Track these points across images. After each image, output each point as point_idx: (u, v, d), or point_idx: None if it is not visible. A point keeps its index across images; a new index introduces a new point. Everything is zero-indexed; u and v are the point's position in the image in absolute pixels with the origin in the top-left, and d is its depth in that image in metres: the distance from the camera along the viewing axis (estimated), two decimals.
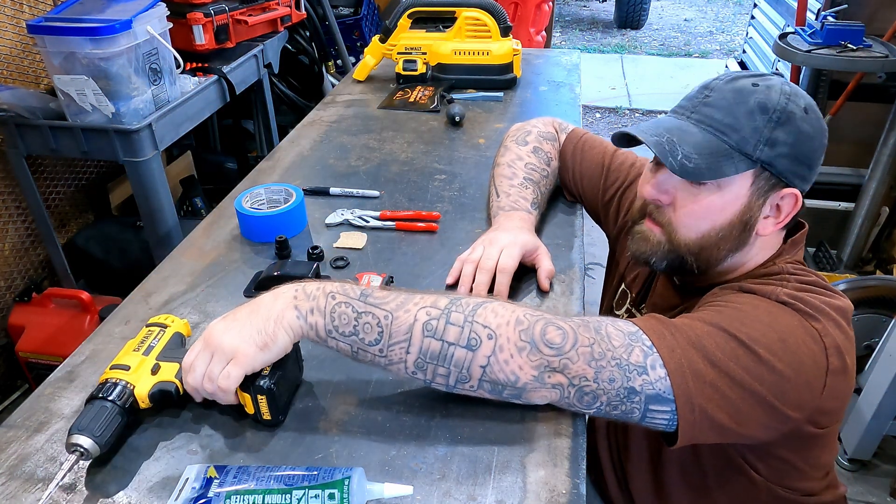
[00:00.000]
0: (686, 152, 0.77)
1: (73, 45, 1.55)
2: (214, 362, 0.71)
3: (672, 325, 0.73)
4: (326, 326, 0.72)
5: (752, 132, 0.77)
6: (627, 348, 0.70)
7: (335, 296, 0.72)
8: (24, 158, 1.77)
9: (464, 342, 0.70)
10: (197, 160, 2.53)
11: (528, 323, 0.71)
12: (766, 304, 0.75)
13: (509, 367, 0.69)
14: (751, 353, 0.70)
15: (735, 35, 6.64)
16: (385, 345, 0.71)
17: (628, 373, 0.69)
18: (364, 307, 0.72)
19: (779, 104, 0.77)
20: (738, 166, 0.77)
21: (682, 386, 0.69)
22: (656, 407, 0.70)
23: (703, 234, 0.81)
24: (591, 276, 2.53)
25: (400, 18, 1.79)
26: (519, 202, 1.08)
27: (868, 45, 2.09)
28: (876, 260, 2.44)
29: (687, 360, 0.69)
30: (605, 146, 1.17)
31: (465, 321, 0.70)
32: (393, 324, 0.71)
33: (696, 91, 0.83)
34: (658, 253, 0.85)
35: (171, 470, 0.71)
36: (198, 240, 1.13)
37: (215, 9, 2.04)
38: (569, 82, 1.87)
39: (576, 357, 0.69)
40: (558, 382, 0.70)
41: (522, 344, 0.69)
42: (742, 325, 0.72)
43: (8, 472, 0.70)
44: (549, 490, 0.68)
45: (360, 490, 0.65)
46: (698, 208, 0.80)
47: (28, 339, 1.86)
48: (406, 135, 1.52)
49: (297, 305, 0.72)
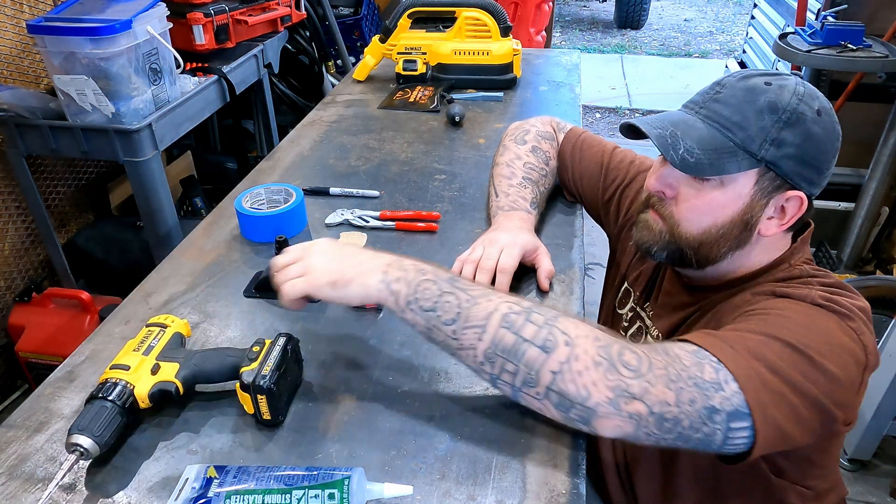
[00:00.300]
0: (688, 146, 0.77)
1: (73, 45, 1.55)
2: (294, 267, 0.80)
3: (728, 338, 0.71)
4: (408, 297, 0.74)
5: (759, 131, 0.76)
6: (699, 366, 0.67)
7: (425, 272, 0.76)
8: (24, 158, 1.76)
9: (539, 342, 0.68)
10: (197, 160, 2.53)
11: (606, 341, 0.69)
12: (804, 307, 0.75)
13: (582, 379, 0.66)
14: (805, 358, 0.69)
15: (735, 35, 6.65)
16: (460, 326, 0.71)
17: (706, 391, 0.66)
18: (449, 287, 0.74)
19: (789, 105, 0.76)
20: (742, 164, 0.77)
21: (757, 399, 0.66)
22: (737, 424, 0.67)
23: (703, 229, 0.81)
24: (591, 276, 2.53)
25: (400, 18, 1.79)
26: (518, 202, 1.08)
27: (868, 45, 2.09)
28: (876, 260, 2.44)
29: (754, 371, 0.67)
30: (603, 145, 1.17)
31: (545, 322, 0.69)
32: (473, 308, 0.71)
33: (708, 87, 0.83)
34: (659, 243, 0.85)
35: (171, 470, 0.71)
36: (198, 240, 1.13)
37: (215, 9, 2.04)
38: (569, 82, 1.87)
39: (654, 380, 0.66)
40: (636, 412, 0.66)
41: (600, 359, 0.67)
42: (789, 331, 0.70)
43: (8, 472, 0.70)
44: (549, 490, 0.68)
45: (360, 490, 0.65)
46: (700, 203, 0.80)
47: (28, 339, 1.86)
48: (406, 135, 1.52)
49: (385, 271, 0.76)
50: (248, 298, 0.98)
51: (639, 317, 1.03)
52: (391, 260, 0.78)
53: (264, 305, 0.97)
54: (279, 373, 0.74)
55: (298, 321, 0.94)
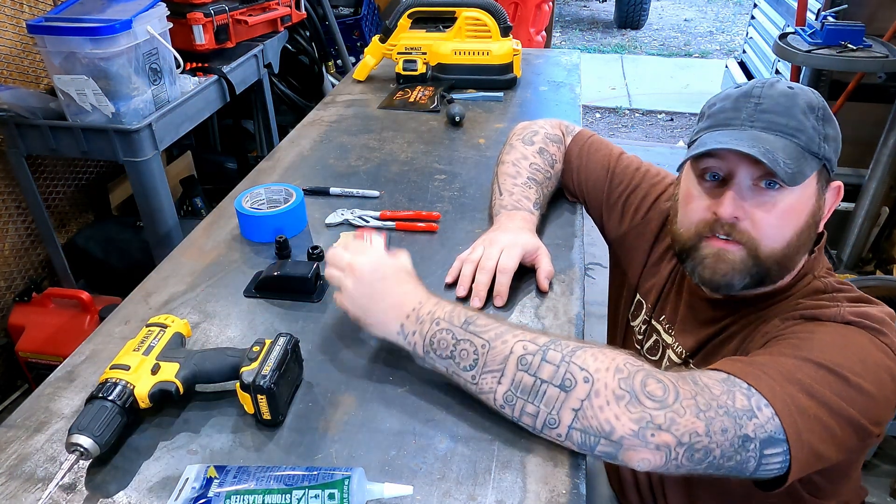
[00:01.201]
0: (782, 159, 0.75)
1: (73, 45, 1.55)
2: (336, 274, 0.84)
3: (759, 363, 0.71)
4: (426, 348, 0.77)
5: (813, 131, 0.78)
6: (729, 394, 0.67)
7: (440, 322, 0.76)
8: (24, 158, 1.77)
9: (558, 381, 0.67)
10: (197, 160, 2.53)
11: (629, 372, 0.67)
12: (835, 327, 0.74)
13: (604, 414, 0.65)
14: (840, 379, 0.68)
15: (735, 35, 6.65)
16: (478, 372, 0.72)
17: (738, 419, 0.65)
18: (464, 335, 0.74)
19: (818, 102, 0.79)
20: (812, 165, 0.78)
21: (792, 424, 0.66)
22: (771, 451, 0.66)
23: (787, 241, 0.79)
24: (591, 276, 2.53)
25: (400, 18, 1.79)
26: (522, 202, 1.08)
27: (868, 45, 2.09)
28: (876, 260, 2.44)
29: (789, 395, 0.67)
30: (610, 149, 1.16)
31: (561, 360, 0.68)
32: (489, 353, 0.71)
33: (737, 102, 0.81)
34: (742, 271, 0.80)
35: (171, 470, 0.71)
36: (198, 240, 1.13)
37: (215, 9, 2.04)
38: (569, 82, 1.87)
39: (682, 410, 0.64)
40: (664, 443, 0.64)
41: (621, 392, 0.65)
42: (823, 353, 0.70)
43: (8, 472, 0.70)
44: (549, 490, 0.68)
45: (360, 490, 0.65)
46: (779, 216, 0.78)
47: (28, 339, 1.86)
48: (406, 135, 1.52)
49: (403, 324, 0.78)
50: (249, 299, 0.98)
51: (654, 330, 1.02)
52: (411, 309, 0.79)
53: (264, 305, 0.97)
54: (279, 373, 0.74)
55: (298, 321, 0.94)
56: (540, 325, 0.91)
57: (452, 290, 0.97)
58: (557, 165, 1.17)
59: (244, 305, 0.97)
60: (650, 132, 4.52)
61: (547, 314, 0.93)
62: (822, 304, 0.78)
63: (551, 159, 1.16)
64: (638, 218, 1.07)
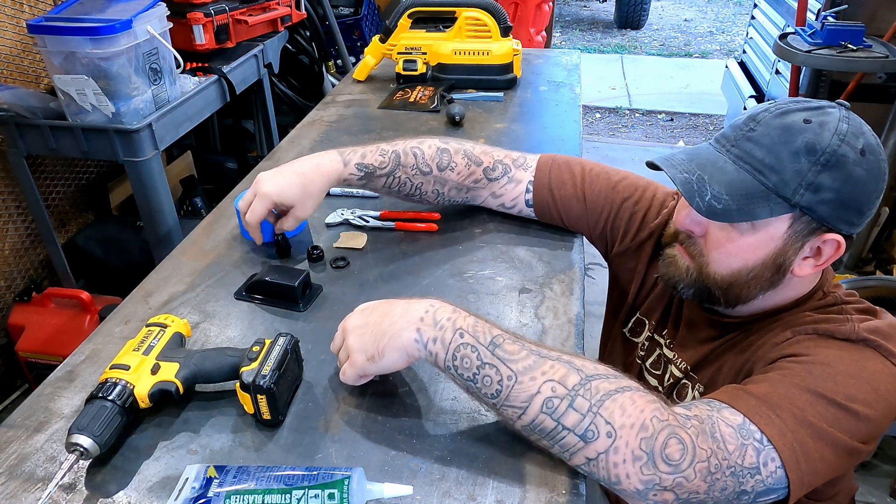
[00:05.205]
0: (716, 192, 0.74)
1: (73, 44, 1.55)
2: (341, 354, 0.79)
3: (773, 404, 0.69)
4: (446, 362, 0.71)
5: (794, 175, 0.72)
6: (741, 450, 0.66)
7: (463, 334, 0.71)
8: (24, 158, 1.76)
9: (580, 431, 0.66)
10: (197, 160, 2.53)
11: (653, 431, 0.65)
12: (850, 349, 0.73)
13: (617, 470, 0.65)
14: (851, 415, 0.68)
15: (735, 35, 6.65)
16: (500, 403, 0.69)
17: (741, 478, 0.66)
18: (490, 358, 0.69)
19: (829, 146, 0.71)
20: (774, 209, 0.73)
21: (796, 471, 0.66)
22: (766, 498, 0.68)
23: (733, 271, 0.79)
24: (591, 276, 2.53)
25: (400, 18, 1.79)
26: (347, 150, 1.03)
27: (868, 46, 2.09)
28: (876, 260, 2.44)
29: (798, 442, 0.67)
30: (573, 178, 1.05)
31: (588, 410, 0.66)
32: (514, 388, 0.68)
33: (742, 121, 0.78)
34: (686, 280, 0.83)
35: (171, 470, 0.71)
36: (198, 240, 1.13)
37: (215, 9, 2.04)
38: (569, 82, 1.87)
39: (692, 475, 0.64)
40: (664, 500, 0.65)
41: (640, 453, 0.64)
42: (836, 385, 0.69)
43: (8, 472, 0.70)
44: (549, 490, 0.68)
45: (360, 490, 0.65)
46: (730, 246, 0.78)
47: (28, 338, 1.86)
48: (406, 135, 1.51)
49: (420, 329, 0.72)
50: (239, 301, 0.98)
51: (658, 344, 1.00)
52: (423, 311, 0.73)
53: (264, 305, 0.97)
54: (279, 373, 0.74)
55: (298, 321, 0.94)
56: (540, 325, 0.91)
57: (452, 291, 0.97)
58: (448, 173, 1.06)
59: (244, 305, 0.97)
60: (650, 132, 4.53)
61: (547, 314, 0.93)
62: (833, 319, 0.77)
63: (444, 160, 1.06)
64: (627, 241, 1.02)
